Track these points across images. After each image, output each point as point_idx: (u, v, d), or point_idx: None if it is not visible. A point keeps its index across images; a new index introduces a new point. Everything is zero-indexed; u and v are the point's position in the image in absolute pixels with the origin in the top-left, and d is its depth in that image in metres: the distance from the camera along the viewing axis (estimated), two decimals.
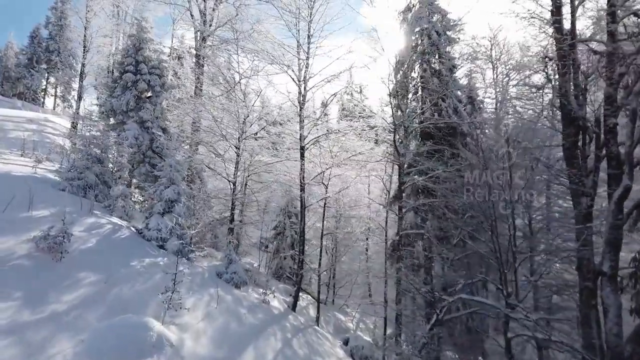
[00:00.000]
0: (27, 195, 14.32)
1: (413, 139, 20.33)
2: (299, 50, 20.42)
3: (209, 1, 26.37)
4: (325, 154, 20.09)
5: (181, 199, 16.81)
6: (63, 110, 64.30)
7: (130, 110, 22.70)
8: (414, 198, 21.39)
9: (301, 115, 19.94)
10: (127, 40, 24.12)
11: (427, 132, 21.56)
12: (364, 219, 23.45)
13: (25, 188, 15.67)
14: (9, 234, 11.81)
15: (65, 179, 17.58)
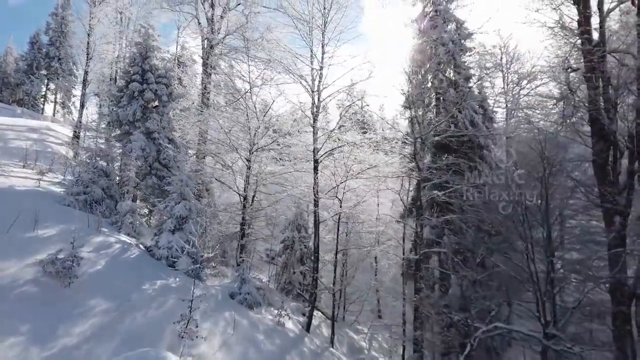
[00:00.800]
0: (32, 213, 13.58)
1: (428, 152, 19.61)
2: (312, 60, 19.77)
3: (217, 8, 25.72)
4: (339, 166, 19.39)
5: (192, 216, 16.05)
6: (64, 117, 63.61)
7: (136, 121, 21.93)
8: (429, 212, 20.67)
9: (315, 127, 19.24)
10: (133, 48, 23.41)
11: (443, 144, 20.91)
12: (376, 234, 22.69)
13: (29, 204, 14.95)
14: (14, 257, 11.05)
15: (70, 193, 16.84)
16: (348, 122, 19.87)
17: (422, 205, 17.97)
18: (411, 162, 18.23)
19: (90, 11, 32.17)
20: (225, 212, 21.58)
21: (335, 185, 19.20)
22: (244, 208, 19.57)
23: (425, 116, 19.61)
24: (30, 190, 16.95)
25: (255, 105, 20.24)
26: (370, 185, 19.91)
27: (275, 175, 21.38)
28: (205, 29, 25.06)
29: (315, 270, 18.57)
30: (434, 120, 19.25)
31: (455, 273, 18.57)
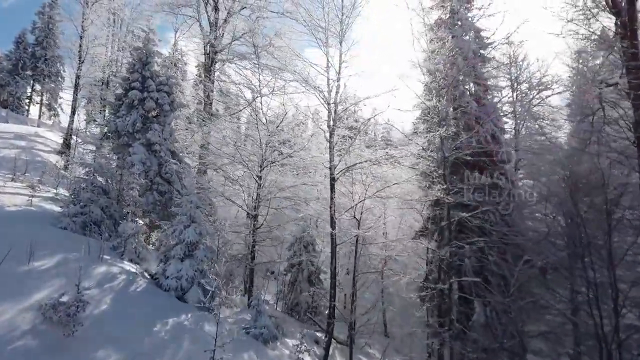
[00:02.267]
0: (26, 240, 12.10)
1: (447, 169, 18.40)
2: (328, 69, 18.47)
3: (221, 12, 24.27)
4: (357, 183, 18.12)
5: (203, 240, 14.62)
6: (51, 119, 61.31)
7: (136, 132, 20.40)
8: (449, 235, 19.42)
9: (331, 142, 17.93)
10: (132, 53, 21.85)
11: (464, 161, 19.72)
12: (388, 255, 21.35)
13: (22, 229, 13.46)
14: (9, 300, 9.58)
15: (66, 215, 15.31)
16: (366, 137, 18.56)
17: (451, 230, 16.78)
18: (435, 182, 16.95)
19: (84, 12, 30.46)
20: (235, 233, 20.06)
21: (353, 204, 17.90)
22: (254, 228, 18.14)
23: (448, 130, 18.39)
24: (22, 211, 15.41)
25: (266, 117, 18.83)
26: (388, 204, 18.63)
27: (285, 189, 19.97)
28: (208, 34, 23.55)
29: (333, 297, 17.19)
30: (461, 136, 17.99)
31: (482, 300, 17.40)
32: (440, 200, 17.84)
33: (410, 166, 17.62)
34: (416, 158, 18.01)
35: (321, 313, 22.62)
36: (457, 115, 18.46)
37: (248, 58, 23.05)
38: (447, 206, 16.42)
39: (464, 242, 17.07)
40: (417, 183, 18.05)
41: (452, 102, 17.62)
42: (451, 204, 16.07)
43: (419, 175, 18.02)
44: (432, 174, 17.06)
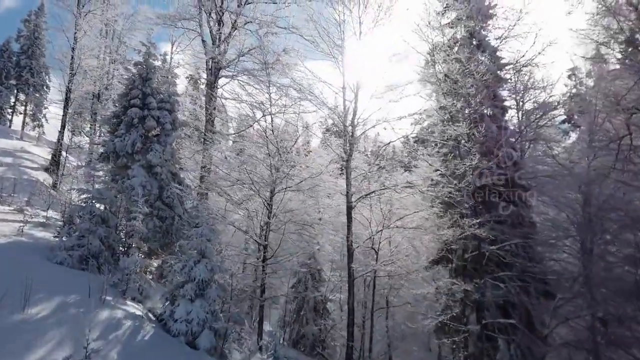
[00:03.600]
0: (19, 278, 10.73)
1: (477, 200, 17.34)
2: (344, 90, 17.40)
3: (225, 27, 23.09)
4: (375, 212, 16.98)
5: (215, 277, 13.29)
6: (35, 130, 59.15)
7: (135, 153, 19.03)
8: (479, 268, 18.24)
9: (348, 168, 16.80)
10: (130, 68, 20.53)
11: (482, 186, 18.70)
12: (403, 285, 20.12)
13: (15, 266, 12.03)
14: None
15: (62, 248, 13.88)
16: (385, 162, 17.45)
17: (482, 264, 15.69)
18: (462, 213, 15.83)
19: (76, 22, 29.01)
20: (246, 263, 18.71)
21: (371, 234, 16.76)
22: (264, 259, 16.82)
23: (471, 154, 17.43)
24: (12, 243, 13.97)
25: (277, 139, 17.61)
26: (407, 234, 17.47)
27: (295, 215, 18.73)
28: (212, 49, 22.32)
29: (350, 336, 15.91)
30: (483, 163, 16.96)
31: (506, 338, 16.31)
32: (457, 228, 16.74)
33: (434, 195, 16.49)
34: (435, 185, 16.93)
35: (330, 347, 21.31)
36: (479, 140, 17.44)
37: (255, 75, 21.86)
38: (478, 239, 15.31)
39: (489, 275, 15.95)
40: (437, 211, 16.91)
41: (475, 127, 16.59)
42: (484, 238, 14.98)
43: (440, 203, 16.89)
44: (458, 204, 15.95)
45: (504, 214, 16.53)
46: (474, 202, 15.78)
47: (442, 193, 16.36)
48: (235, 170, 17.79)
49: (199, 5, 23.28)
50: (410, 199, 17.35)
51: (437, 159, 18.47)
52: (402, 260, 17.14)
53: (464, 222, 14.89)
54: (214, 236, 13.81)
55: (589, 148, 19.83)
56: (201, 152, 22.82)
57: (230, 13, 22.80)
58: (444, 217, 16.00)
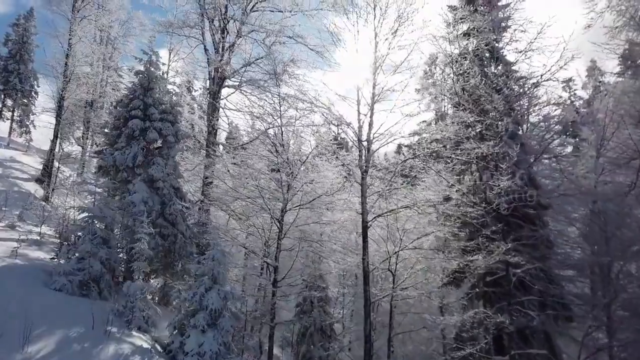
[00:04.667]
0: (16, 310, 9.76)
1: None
2: (359, 103, 16.61)
3: (229, 35, 22.23)
4: (393, 232, 16.14)
5: (228, 306, 12.33)
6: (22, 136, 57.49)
7: (136, 166, 18.02)
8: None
9: (363, 185, 15.95)
10: (133, 78, 19.55)
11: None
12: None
13: (11, 294, 11.00)
14: None
15: (61, 272, 12.84)
16: (401, 180, 16.59)
17: (505, 287, 14.85)
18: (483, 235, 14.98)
19: (70, 28, 27.90)
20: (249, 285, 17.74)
21: (388, 255, 15.90)
22: (274, 281, 15.83)
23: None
24: (7, 267, 12.89)
25: (288, 154, 16.73)
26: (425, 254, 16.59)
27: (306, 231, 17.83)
28: (216, 57, 21.41)
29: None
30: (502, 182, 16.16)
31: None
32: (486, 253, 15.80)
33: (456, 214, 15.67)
34: (455, 205, 16.12)
35: None
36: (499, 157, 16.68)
37: (260, 85, 21.01)
38: (507, 264, 14.45)
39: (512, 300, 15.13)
40: (457, 232, 16.08)
41: (505, 145, 15.82)
42: (514, 263, 14.16)
43: (462, 223, 16.08)
44: (483, 226, 15.11)
45: (529, 235, 15.76)
46: (503, 224, 14.96)
47: (463, 213, 15.56)
48: (245, 186, 16.82)
49: (201, 13, 22.39)
50: (427, 218, 16.55)
51: (451, 175, 17.69)
52: (421, 283, 16.26)
53: (493, 246, 14.04)
54: (225, 260, 12.87)
55: (597, 164, 19.09)
56: (203, 164, 21.90)
57: (235, 21, 21.93)
58: (468, 239, 15.17)
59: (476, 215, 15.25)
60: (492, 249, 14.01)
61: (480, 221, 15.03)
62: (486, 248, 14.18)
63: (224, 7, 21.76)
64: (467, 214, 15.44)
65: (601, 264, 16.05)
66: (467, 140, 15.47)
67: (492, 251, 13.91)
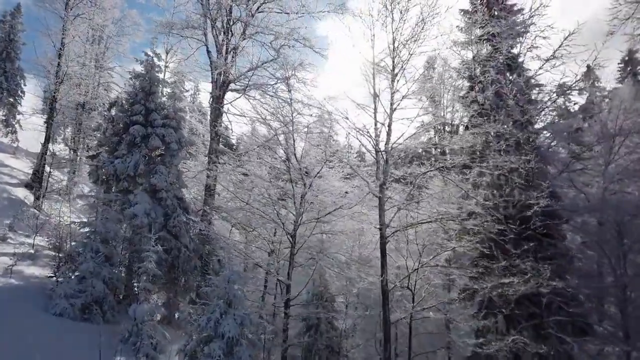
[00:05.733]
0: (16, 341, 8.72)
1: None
2: (376, 111, 15.74)
3: (234, 37, 21.23)
4: (412, 247, 15.25)
5: (245, 332, 11.38)
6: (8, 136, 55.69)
7: (138, 175, 16.98)
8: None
9: (381, 198, 15.07)
10: (133, 82, 18.47)
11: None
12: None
13: (8, 322, 9.96)
14: None
15: (62, 295, 11.80)
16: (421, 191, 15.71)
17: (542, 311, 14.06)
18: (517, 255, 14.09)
19: (64, 27, 26.66)
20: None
21: (408, 273, 15.01)
22: (287, 299, 14.85)
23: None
24: (3, 289, 11.80)
25: (300, 165, 15.79)
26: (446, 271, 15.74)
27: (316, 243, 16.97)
28: (221, 60, 20.39)
29: None
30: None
31: None
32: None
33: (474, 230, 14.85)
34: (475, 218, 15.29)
35: None
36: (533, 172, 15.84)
37: (265, 90, 20.08)
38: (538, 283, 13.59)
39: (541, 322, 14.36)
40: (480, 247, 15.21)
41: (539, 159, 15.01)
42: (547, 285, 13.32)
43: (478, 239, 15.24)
44: (515, 245, 14.28)
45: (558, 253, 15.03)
46: (535, 243, 14.14)
47: (485, 228, 14.75)
48: (251, 196, 15.89)
49: (204, 13, 21.33)
50: (448, 233, 15.68)
51: (472, 189, 16.86)
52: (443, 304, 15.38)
53: (526, 267, 13.21)
54: (241, 281, 11.92)
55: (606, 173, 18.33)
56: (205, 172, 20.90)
57: (241, 22, 20.93)
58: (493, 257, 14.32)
59: (498, 231, 14.45)
60: (524, 269, 13.16)
61: (507, 238, 14.21)
62: (517, 268, 13.34)
63: (228, 8, 20.73)
64: (490, 229, 14.61)
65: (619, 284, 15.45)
66: (496, 153, 14.67)
67: (525, 272, 13.05)
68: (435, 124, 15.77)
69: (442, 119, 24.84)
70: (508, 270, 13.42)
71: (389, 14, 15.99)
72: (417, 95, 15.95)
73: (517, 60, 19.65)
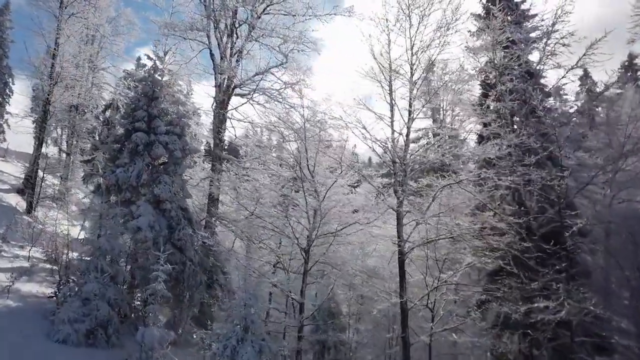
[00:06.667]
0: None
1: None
2: (392, 121, 15.07)
3: (239, 40, 20.43)
4: (431, 263, 14.54)
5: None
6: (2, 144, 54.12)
7: (141, 185, 16.10)
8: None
9: (400, 213, 14.38)
10: (136, 85, 17.56)
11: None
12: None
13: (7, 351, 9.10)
14: None
15: (66, 320, 10.91)
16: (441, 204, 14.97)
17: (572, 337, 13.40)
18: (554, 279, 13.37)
19: (58, 26, 25.60)
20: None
21: (427, 291, 14.32)
22: (302, 319, 14.06)
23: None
24: (2, 314, 10.92)
25: (315, 178, 15.01)
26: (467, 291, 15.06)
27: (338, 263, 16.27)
28: (227, 64, 19.57)
29: None
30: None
31: None
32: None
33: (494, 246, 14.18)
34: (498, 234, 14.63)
35: None
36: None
37: (274, 96, 19.30)
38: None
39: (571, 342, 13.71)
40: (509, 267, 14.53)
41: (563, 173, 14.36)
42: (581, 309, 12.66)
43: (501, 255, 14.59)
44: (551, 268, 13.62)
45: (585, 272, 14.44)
46: (567, 263, 13.45)
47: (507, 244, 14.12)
48: (266, 212, 15.13)
49: (207, 15, 20.50)
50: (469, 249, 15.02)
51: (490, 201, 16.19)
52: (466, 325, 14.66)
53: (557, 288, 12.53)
54: (258, 304, 11.14)
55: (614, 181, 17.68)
56: (207, 180, 20.12)
57: (246, 24, 20.13)
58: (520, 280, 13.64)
59: (523, 248, 13.83)
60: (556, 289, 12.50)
61: (534, 256, 13.56)
62: (550, 290, 12.67)
63: (234, 10, 19.92)
64: (516, 246, 13.97)
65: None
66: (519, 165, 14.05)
67: (558, 294, 12.39)
68: (444, 134, 15.04)
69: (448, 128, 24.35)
70: (539, 291, 12.75)
71: (407, 19, 15.34)
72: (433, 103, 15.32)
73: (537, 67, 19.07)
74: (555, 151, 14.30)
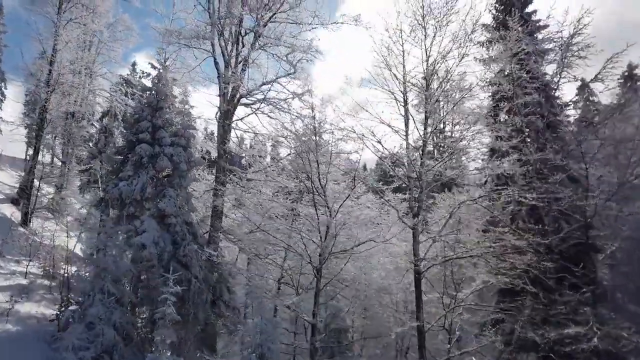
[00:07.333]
0: None
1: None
2: (407, 134, 14.58)
3: (244, 48, 19.88)
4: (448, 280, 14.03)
5: None
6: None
7: (145, 200, 15.47)
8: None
9: (416, 230, 13.85)
10: (140, 96, 16.98)
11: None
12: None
13: None
14: None
15: (70, 348, 10.25)
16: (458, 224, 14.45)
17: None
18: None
19: (56, 32, 24.91)
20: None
21: (444, 311, 13.79)
22: (315, 341, 13.42)
23: None
24: (2, 340, 10.24)
25: (325, 194, 14.44)
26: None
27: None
28: (233, 73, 18.99)
29: None
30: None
31: None
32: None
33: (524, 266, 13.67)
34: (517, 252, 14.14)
35: None
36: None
37: (279, 107, 18.76)
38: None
39: None
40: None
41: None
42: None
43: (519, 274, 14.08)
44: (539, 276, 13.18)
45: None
46: (594, 287, 12.96)
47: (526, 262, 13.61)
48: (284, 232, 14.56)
49: (211, 23, 19.94)
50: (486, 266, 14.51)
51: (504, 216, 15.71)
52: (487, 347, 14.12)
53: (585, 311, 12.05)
54: (274, 331, 10.53)
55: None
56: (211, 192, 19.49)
57: (252, 32, 19.59)
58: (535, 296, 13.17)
59: (544, 268, 13.34)
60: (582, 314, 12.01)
61: (554, 276, 13.09)
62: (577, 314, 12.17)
63: (240, 18, 19.40)
64: (538, 266, 13.48)
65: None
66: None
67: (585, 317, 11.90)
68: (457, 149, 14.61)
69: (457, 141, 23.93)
70: (564, 314, 12.24)
71: (422, 30, 14.90)
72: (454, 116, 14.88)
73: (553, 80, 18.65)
74: (574, 167, 13.82)
